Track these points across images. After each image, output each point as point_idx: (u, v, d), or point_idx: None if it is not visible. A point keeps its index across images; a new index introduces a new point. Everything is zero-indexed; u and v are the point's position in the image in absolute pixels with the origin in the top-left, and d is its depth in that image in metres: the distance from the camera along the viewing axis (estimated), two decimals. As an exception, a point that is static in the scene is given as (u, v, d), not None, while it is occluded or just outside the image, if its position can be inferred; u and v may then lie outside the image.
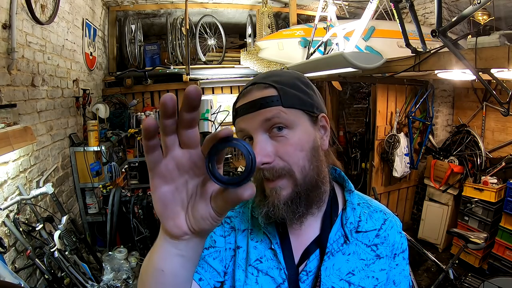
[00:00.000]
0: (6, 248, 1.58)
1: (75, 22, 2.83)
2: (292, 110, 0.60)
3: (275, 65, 3.68)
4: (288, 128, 0.59)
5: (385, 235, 0.67)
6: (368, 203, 0.71)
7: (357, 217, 0.67)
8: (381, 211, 0.70)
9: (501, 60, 1.62)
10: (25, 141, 1.77)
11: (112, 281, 1.91)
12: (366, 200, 0.72)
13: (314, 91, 0.65)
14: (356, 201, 0.69)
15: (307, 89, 0.64)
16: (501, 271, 2.92)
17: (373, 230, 0.67)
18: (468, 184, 3.39)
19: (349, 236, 0.65)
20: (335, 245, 0.64)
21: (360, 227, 0.66)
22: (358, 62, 2.20)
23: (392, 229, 0.68)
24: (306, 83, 0.65)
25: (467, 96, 3.95)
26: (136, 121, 3.68)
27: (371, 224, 0.67)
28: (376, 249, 0.66)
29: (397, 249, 0.68)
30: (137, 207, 2.38)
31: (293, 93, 0.61)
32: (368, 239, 0.66)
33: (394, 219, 0.70)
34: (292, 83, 0.62)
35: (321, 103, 0.66)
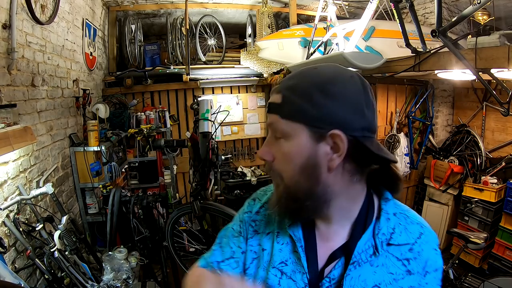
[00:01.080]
0: (6, 248, 1.58)
1: (75, 22, 2.83)
2: (289, 121, 0.58)
3: (275, 65, 3.68)
4: (283, 139, 0.59)
5: (419, 250, 0.62)
6: (406, 214, 0.66)
7: (391, 229, 0.63)
8: (418, 223, 0.65)
9: (501, 60, 1.62)
10: (25, 141, 1.77)
11: (112, 281, 1.91)
12: (404, 210, 0.66)
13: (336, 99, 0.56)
14: (392, 211, 0.65)
15: (323, 97, 0.56)
16: (501, 271, 2.92)
17: (406, 244, 0.62)
18: (468, 184, 3.39)
19: (379, 247, 0.61)
20: (363, 255, 0.61)
21: (393, 239, 0.62)
22: (358, 62, 2.20)
23: (427, 244, 0.63)
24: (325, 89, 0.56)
25: (467, 96, 3.95)
26: (136, 121, 3.68)
27: (405, 237, 0.63)
28: (407, 264, 0.62)
29: (430, 267, 0.62)
30: (137, 207, 2.38)
31: (297, 104, 0.57)
32: (400, 253, 0.62)
33: (430, 234, 0.65)
34: (304, 91, 0.57)
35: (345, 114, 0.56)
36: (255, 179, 3.94)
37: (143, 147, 3.62)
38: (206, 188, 2.23)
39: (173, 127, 4.16)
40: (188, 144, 2.31)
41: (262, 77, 4.25)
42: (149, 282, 2.47)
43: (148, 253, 2.42)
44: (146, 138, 3.31)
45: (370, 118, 0.59)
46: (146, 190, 3.46)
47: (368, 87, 0.60)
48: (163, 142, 2.53)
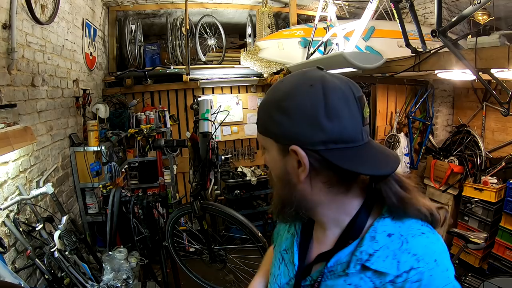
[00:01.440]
0: (6, 248, 1.58)
1: (75, 22, 2.83)
2: (263, 136, 0.62)
3: (275, 65, 3.68)
4: (267, 150, 0.64)
5: (402, 287, 0.53)
6: (405, 239, 0.55)
7: (372, 250, 0.56)
8: (414, 255, 0.54)
9: (501, 60, 1.62)
10: (25, 141, 1.77)
11: (112, 281, 1.91)
12: (409, 233, 0.56)
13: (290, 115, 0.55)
14: (388, 231, 0.57)
15: (278, 114, 0.57)
16: (501, 271, 2.92)
17: (388, 274, 0.54)
18: (468, 184, 3.39)
19: (351, 265, 0.57)
20: (339, 267, 0.59)
21: (370, 262, 0.55)
22: (358, 62, 2.20)
23: (417, 284, 0.52)
24: (279, 106, 0.57)
25: (467, 96, 3.95)
26: (136, 121, 3.68)
27: (388, 265, 0.54)
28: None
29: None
30: (137, 207, 2.38)
31: (263, 120, 0.62)
32: (380, 281, 0.54)
33: (430, 275, 0.53)
34: (266, 109, 0.60)
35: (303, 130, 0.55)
36: (255, 179, 3.94)
37: (143, 147, 3.62)
38: (206, 188, 2.23)
39: (173, 127, 4.16)
40: (188, 144, 2.31)
41: (262, 77, 4.25)
42: (149, 282, 2.47)
43: (148, 253, 2.42)
44: (146, 138, 3.31)
45: (335, 128, 0.53)
46: (146, 190, 3.45)
47: (335, 94, 0.54)
48: (163, 142, 2.53)
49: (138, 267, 2.31)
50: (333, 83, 0.55)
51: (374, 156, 0.57)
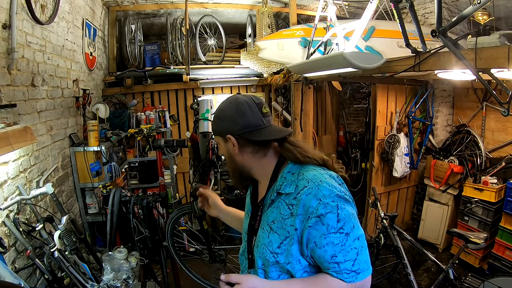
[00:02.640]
0: (6, 248, 1.58)
1: (75, 22, 2.83)
2: (216, 136, 1.05)
3: (275, 65, 3.68)
4: (220, 146, 1.05)
5: (300, 198, 0.87)
6: (301, 173, 0.92)
7: (281, 182, 0.94)
8: (306, 180, 0.88)
9: (501, 60, 1.61)
10: (25, 141, 1.77)
11: (112, 281, 1.91)
12: (304, 171, 0.92)
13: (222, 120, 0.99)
14: (290, 171, 0.95)
15: (220, 121, 1.00)
16: (501, 271, 2.92)
17: (291, 193, 0.90)
18: (468, 184, 3.39)
19: (272, 195, 0.95)
20: (267, 201, 0.97)
21: (281, 189, 0.92)
22: (358, 62, 2.19)
23: (309, 196, 0.85)
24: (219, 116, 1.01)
25: (467, 96, 3.95)
26: (136, 121, 3.68)
27: (291, 189, 0.90)
28: (292, 208, 0.89)
29: (312, 213, 0.84)
30: (137, 207, 2.37)
31: (214, 126, 1.05)
32: (288, 200, 0.90)
33: (316, 187, 0.85)
34: (215, 118, 1.03)
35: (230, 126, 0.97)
36: (255, 179, 3.94)
37: (143, 147, 3.62)
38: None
39: (173, 127, 4.16)
40: (188, 144, 2.31)
41: (262, 77, 4.25)
42: (149, 282, 2.47)
43: (148, 253, 2.42)
44: (146, 138, 3.30)
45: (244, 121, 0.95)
46: (146, 190, 3.45)
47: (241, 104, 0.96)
48: (163, 142, 2.53)
49: (138, 267, 2.31)
50: (241, 99, 0.97)
51: (272, 132, 0.97)
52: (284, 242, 0.89)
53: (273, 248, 0.90)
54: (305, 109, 3.81)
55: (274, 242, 0.90)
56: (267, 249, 0.91)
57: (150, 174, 3.74)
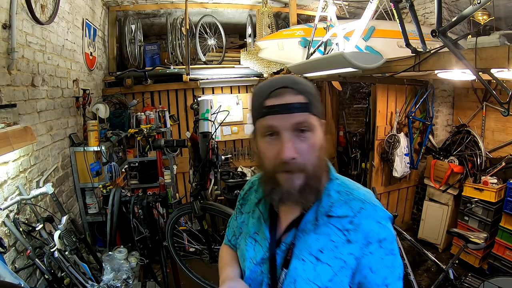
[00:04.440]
0: (6, 248, 1.58)
1: (75, 22, 2.83)
2: (315, 117, 0.74)
3: (275, 65, 3.68)
4: (310, 131, 0.73)
5: (358, 222, 0.73)
6: (349, 191, 0.78)
7: (330, 203, 0.77)
8: (360, 200, 0.76)
9: (501, 60, 1.62)
10: (25, 141, 1.77)
11: (112, 281, 1.91)
12: (349, 188, 0.79)
13: (317, 96, 0.77)
14: (336, 189, 0.79)
15: (318, 97, 0.77)
16: (501, 271, 2.92)
17: (346, 217, 0.75)
18: (468, 184, 3.39)
19: (319, 218, 0.76)
20: (308, 225, 0.77)
21: (332, 212, 0.76)
22: (358, 62, 2.19)
23: (368, 218, 0.74)
24: (316, 91, 0.77)
25: (467, 96, 3.95)
26: (136, 121, 3.68)
27: (344, 211, 0.75)
28: (347, 234, 0.74)
29: (372, 238, 0.72)
30: (137, 207, 2.37)
31: (315, 102, 0.75)
32: (342, 224, 0.75)
33: (373, 209, 0.75)
34: (314, 94, 0.76)
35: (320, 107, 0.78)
36: (255, 179, 3.94)
37: (143, 147, 3.61)
38: (206, 188, 2.23)
39: (173, 127, 4.16)
40: (188, 144, 2.31)
41: (262, 77, 4.25)
42: (149, 282, 2.47)
43: (148, 253, 2.42)
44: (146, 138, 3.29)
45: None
46: (146, 190, 3.46)
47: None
48: (163, 142, 2.53)
49: (138, 267, 2.31)
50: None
51: None
52: (338, 274, 0.74)
53: (323, 282, 0.74)
54: (305, 109, 3.80)
55: (324, 275, 0.74)
56: (314, 284, 0.74)
57: (150, 174, 3.74)
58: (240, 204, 0.99)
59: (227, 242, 1.05)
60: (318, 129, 0.75)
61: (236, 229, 0.99)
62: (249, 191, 0.98)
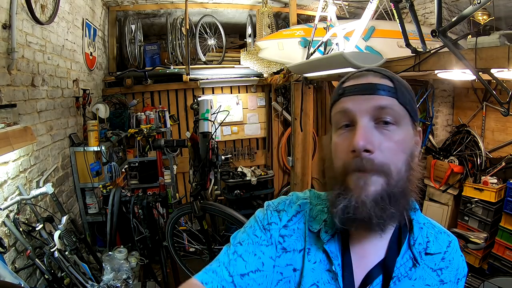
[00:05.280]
0: (6, 248, 1.58)
1: (75, 22, 2.83)
2: (403, 108, 0.56)
3: (275, 65, 3.68)
4: (396, 125, 0.55)
5: (450, 258, 0.62)
6: (432, 223, 0.65)
7: (426, 238, 0.61)
8: (445, 233, 0.65)
9: (501, 60, 1.61)
10: (25, 141, 1.77)
11: (112, 281, 1.91)
12: (429, 220, 0.66)
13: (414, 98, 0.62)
14: (422, 221, 0.64)
15: (413, 97, 0.61)
16: (501, 271, 2.92)
17: (439, 253, 0.61)
18: (468, 184, 3.39)
19: (418, 258, 0.58)
20: (402, 269, 0.57)
21: (429, 248, 0.60)
22: (358, 62, 2.19)
23: (457, 253, 0.64)
24: (411, 91, 0.61)
25: (467, 96, 3.95)
26: (136, 121, 3.68)
27: (437, 246, 0.61)
28: (440, 274, 0.60)
29: (460, 274, 0.63)
30: (137, 207, 2.38)
31: (406, 94, 0.58)
32: (434, 263, 0.60)
33: (456, 241, 0.65)
34: (405, 85, 0.60)
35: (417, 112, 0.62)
36: (255, 179, 3.94)
37: (143, 147, 3.61)
38: (206, 188, 2.23)
39: (173, 127, 4.16)
40: (188, 144, 2.31)
41: (262, 77, 4.25)
42: (149, 282, 2.47)
43: (148, 253, 2.42)
44: (146, 138, 3.30)
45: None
46: (146, 190, 3.46)
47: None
48: (163, 142, 2.53)
49: (138, 267, 2.31)
50: None
51: None
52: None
53: None
54: (305, 109, 3.81)
55: None
56: None
57: (150, 174, 3.74)
58: (280, 235, 0.62)
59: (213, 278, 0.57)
60: (407, 127, 0.57)
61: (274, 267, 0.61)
62: (295, 217, 0.64)
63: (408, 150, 0.56)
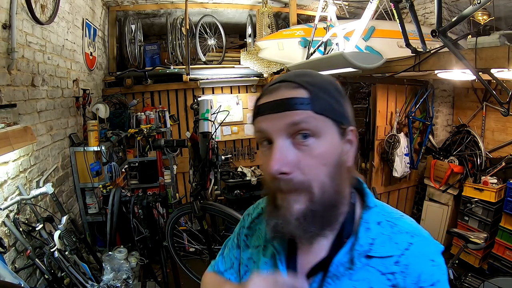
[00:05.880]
0: (6, 248, 1.58)
1: (75, 22, 2.83)
2: (322, 117, 0.54)
3: (275, 65, 3.68)
4: (315, 137, 0.54)
5: (407, 263, 0.56)
6: (393, 222, 0.60)
7: (370, 239, 0.58)
8: (407, 233, 0.58)
9: (501, 60, 1.62)
10: (25, 141, 1.77)
11: (112, 281, 1.91)
12: (393, 218, 0.61)
13: (346, 100, 0.60)
14: (376, 219, 0.60)
15: (339, 96, 0.58)
16: (501, 271, 2.92)
17: (390, 257, 0.56)
18: (468, 184, 3.39)
19: (355, 260, 0.57)
20: (341, 268, 0.58)
21: (373, 251, 0.57)
22: (358, 62, 2.20)
23: (420, 257, 0.56)
24: (339, 89, 0.59)
25: (467, 96, 3.95)
26: (136, 121, 3.68)
27: (388, 249, 0.57)
28: (392, 279, 0.56)
29: (425, 281, 0.55)
30: (137, 207, 2.38)
31: (325, 99, 0.55)
32: (385, 266, 0.56)
33: (424, 244, 0.58)
34: (325, 87, 0.57)
35: (351, 115, 0.60)
36: (255, 179, 3.94)
37: (143, 147, 3.62)
38: (206, 188, 2.23)
39: (173, 127, 4.16)
40: (188, 144, 2.31)
41: (262, 77, 4.25)
42: (149, 282, 2.47)
43: (148, 253, 2.42)
44: (146, 138, 3.31)
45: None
46: (146, 190, 3.45)
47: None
48: (163, 142, 2.53)
49: (138, 267, 2.31)
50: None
51: None
52: None
53: None
54: (305, 109, 3.80)
55: None
56: None
57: (150, 174, 3.74)
58: (245, 234, 0.75)
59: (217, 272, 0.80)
60: (330, 136, 0.55)
61: (235, 261, 0.76)
62: (258, 218, 0.75)
63: (332, 161, 0.55)
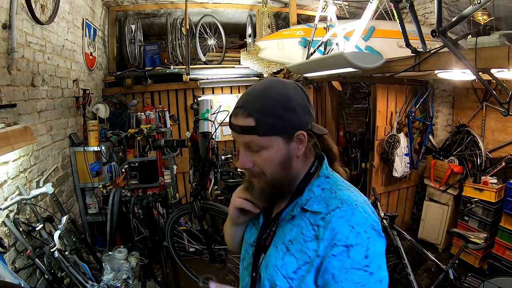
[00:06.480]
0: (6, 248, 1.58)
1: (75, 22, 2.83)
2: (266, 137, 0.75)
3: (275, 65, 3.68)
4: (263, 149, 0.76)
5: (329, 220, 0.71)
6: (333, 190, 0.77)
7: (308, 197, 0.78)
8: (340, 200, 0.74)
9: (501, 60, 1.62)
10: (25, 141, 1.77)
11: (112, 281, 1.91)
12: (337, 188, 0.77)
13: (295, 111, 0.75)
14: (321, 185, 0.79)
15: (287, 112, 0.74)
16: (501, 271, 2.92)
17: (320, 213, 0.74)
18: (468, 184, 3.39)
19: (294, 210, 0.79)
20: (287, 215, 0.80)
21: (307, 205, 0.77)
22: (358, 62, 2.19)
23: (341, 219, 0.70)
24: (288, 106, 0.75)
25: (467, 96, 3.95)
26: (136, 121, 3.68)
27: (320, 207, 0.75)
28: (317, 230, 0.73)
29: (339, 240, 0.68)
30: (137, 207, 2.37)
31: (269, 123, 0.74)
32: (314, 219, 0.75)
33: (351, 212, 0.71)
34: (271, 110, 0.74)
35: (302, 119, 0.76)
36: (255, 179, 3.94)
37: (143, 147, 3.62)
38: (206, 188, 2.23)
39: (173, 127, 4.16)
40: (188, 144, 2.31)
41: (262, 77, 4.25)
42: (149, 282, 2.47)
43: (148, 253, 2.42)
44: (146, 138, 3.31)
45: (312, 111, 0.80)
46: (146, 190, 3.46)
47: (305, 90, 0.80)
48: (163, 142, 2.53)
49: (138, 267, 2.31)
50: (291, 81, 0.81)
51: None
52: (302, 267, 0.73)
53: (288, 272, 0.75)
54: (305, 109, 3.80)
55: (290, 265, 0.75)
56: (279, 273, 0.75)
57: (150, 174, 3.74)
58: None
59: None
60: (274, 146, 0.76)
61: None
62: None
63: (278, 160, 0.77)
